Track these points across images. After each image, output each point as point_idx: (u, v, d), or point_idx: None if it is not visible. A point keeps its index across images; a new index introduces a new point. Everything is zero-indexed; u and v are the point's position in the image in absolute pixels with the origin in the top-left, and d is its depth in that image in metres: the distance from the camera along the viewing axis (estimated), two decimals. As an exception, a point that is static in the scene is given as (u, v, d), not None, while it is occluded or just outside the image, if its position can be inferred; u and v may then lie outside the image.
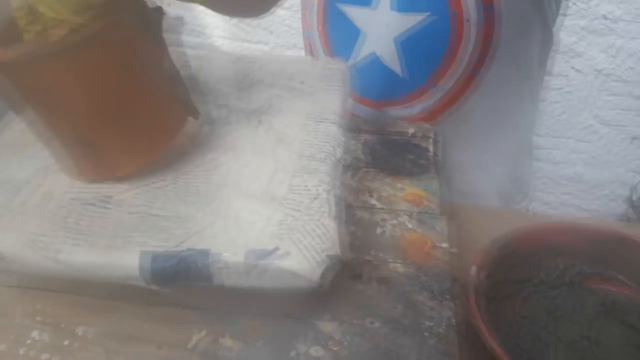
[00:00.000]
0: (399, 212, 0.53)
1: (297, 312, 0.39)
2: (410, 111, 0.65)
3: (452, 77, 0.61)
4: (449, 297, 0.43)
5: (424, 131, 0.60)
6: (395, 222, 0.52)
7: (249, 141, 0.45)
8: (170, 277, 0.36)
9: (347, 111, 0.51)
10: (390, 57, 0.61)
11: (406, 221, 0.51)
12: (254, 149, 0.44)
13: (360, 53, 0.64)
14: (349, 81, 0.55)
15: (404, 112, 0.65)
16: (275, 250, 0.35)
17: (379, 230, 0.50)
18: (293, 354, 0.37)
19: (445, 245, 0.48)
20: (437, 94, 0.63)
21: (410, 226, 0.51)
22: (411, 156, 0.59)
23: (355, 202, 0.50)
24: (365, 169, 0.54)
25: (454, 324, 0.41)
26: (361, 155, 0.56)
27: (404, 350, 0.38)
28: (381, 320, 0.40)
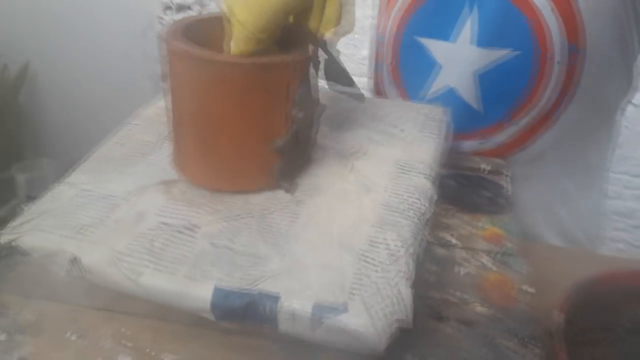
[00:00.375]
0: (478, 252, 0.53)
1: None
2: (483, 145, 0.64)
3: (529, 114, 0.60)
4: (535, 343, 0.43)
5: (498, 167, 0.60)
6: (476, 261, 0.51)
7: (338, 187, 0.45)
8: (239, 316, 0.36)
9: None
10: (467, 90, 0.61)
11: (487, 261, 0.51)
12: (342, 195, 0.44)
13: (434, 85, 0.64)
14: (449, 130, 0.53)
15: (476, 146, 0.65)
16: (344, 308, 0.34)
17: (459, 270, 0.49)
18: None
19: (529, 288, 0.47)
20: (512, 129, 0.62)
21: (492, 267, 0.50)
22: (487, 193, 0.59)
23: (433, 238, 0.49)
24: (442, 205, 0.53)
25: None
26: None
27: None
28: (471, 366, 0.38)
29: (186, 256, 0.38)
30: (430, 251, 0.48)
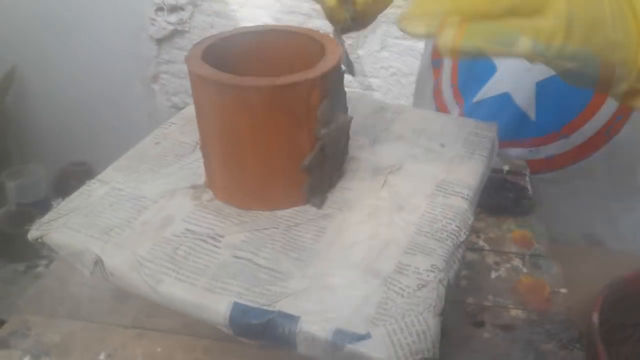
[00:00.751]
0: (510, 255, 0.52)
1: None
2: (532, 155, 0.63)
3: (587, 131, 0.59)
4: (578, 346, 0.43)
5: (517, 168, 0.59)
6: (509, 265, 0.51)
7: (369, 202, 0.43)
8: (257, 334, 0.35)
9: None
10: (525, 99, 0.60)
11: (518, 264, 0.51)
12: (372, 212, 0.42)
13: (491, 90, 0.62)
14: (494, 148, 0.50)
15: (524, 155, 0.63)
16: (366, 337, 0.33)
17: (493, 275, 0.50)
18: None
19: (564, 290, 0.48)
20: (567, 144, 0.61)
21: (525, 270, 0.50)
22: (511, 195, 0.58)
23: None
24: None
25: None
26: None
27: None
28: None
29: (207, 266, 0.37)
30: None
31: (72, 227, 0.41)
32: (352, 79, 0.44)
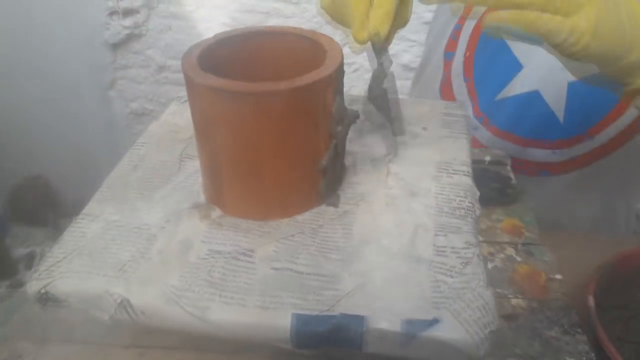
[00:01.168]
0: (503, 245, 0.54)
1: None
2: (556, 157, 0.62)
3: (610, 132, 0.59)
4: (580, 330, 0.44)
5: (498, 158, 0.59)
6: (503, 255, 0.52)
7: (382, 193, 0.43)
8: (320, 342, 0.34)
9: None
10: (556, 99, 0.59)
11: (512, 253, 0.52)
12: (389, 202, 0.42)
13: (518, 88, 0.61)
14: (469, 125, 0.53)
15: (548, 157, 0.63)
16: (435, 321, 0.33)
17: (490, 265, 0.51)
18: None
19: (559, 276, 0.49)
20: (591, 145, 0.60)
21: (519, 259, 0.51)
22: (496, 185, 0.59)
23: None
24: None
25: (593, 358, 0.42)
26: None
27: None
28: (522, 360, 0.40)
29: (250, 284, 0.36)
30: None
31: (78, 270, 0.37)
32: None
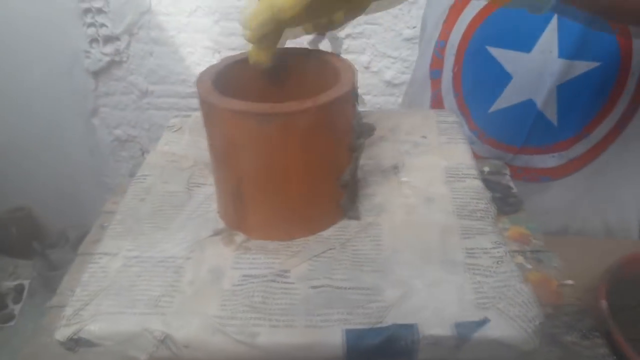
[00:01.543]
0: (513, 253, 0.54)
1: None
2: (556, 160, 0.63)
3: (604, 129, 0.60)
4: (598, 334, 0.44)
5: (497, 168, 0.60)
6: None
7: (399, 202, 0.44)
8: (374, 355, 0.34)
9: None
10: (548, 104, 0.59)
11: (523, 261, 0.51)
12: (408, 210, 0.43)
13: (510, 98, 0.61)
14: (463, 131, 0.54)
15: (550, 162, 0.64)
16: (486, 321, 0.34)
17: None
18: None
19: (570, 281, 0.48)
20: (588, 144, 0.61)
21: (529, 266, 0.51)
22: (497, 194, 0.59)
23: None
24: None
25: (614, 363, 0.42)
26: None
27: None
28: (545, 367, 0.40)
29: (294, 304, 0.35)
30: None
31: (110, 310, 0.36)
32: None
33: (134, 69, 1.27)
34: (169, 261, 0.39)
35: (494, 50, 0.60)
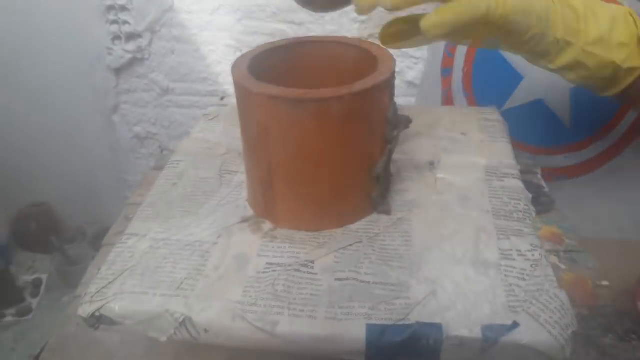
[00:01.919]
0: (546, 253, 0.52)
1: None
2: (569, 160, 0.62)
3: (619, 132, 0.59)
4: (635, 337, 0.43)
5: (528, 167, 0.59)
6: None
7: (434, 199, 0.42)
8: (395, 353, 0.32)
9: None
10: (561, 105, 0.59)
11: (556, 261, 0.50)
12: (442, 207, 0.41)
13: (521, 98, 0.61)
14: (507, 129, 0.52)
15: (562, 162, 0.62)
16: (515, 325, 0.32)
17: None
18: None
19: (606, 282, 0.48)
20: (601, 146, 0.60)
21: (563, 267, 0.50)
22: (529, 194, 0.58)
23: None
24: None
25: (651, 365, 0.41)
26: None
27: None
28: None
29: (317, 295, 0.34)
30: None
31: (133, 290, 0.36)
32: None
33: (155, 67, 1.28)
34: (195, 245, 0.39)
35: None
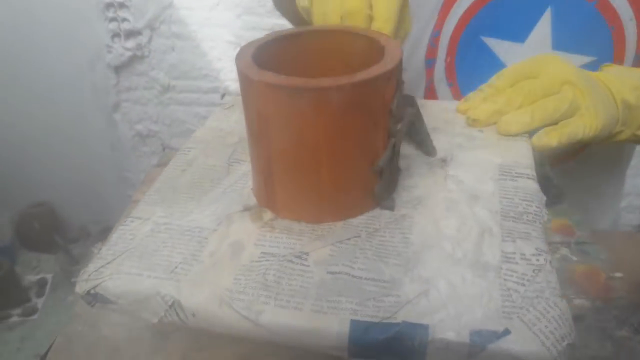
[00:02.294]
0: (556, 245, 0.52)
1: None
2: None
3: None
4: None
5: (537, 159, 0.57)
6: (558, 255, 0.50)
7: (441, 196, 0.41)
8: (379, 351, 0.32)
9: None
10: None
11: (568, 253, 0.50)
12: (449, 206, 0.40)
13: None
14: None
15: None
16: (506, 332, 0.30)
17: None
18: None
19: (619, 274, 0.47)
20: None
21: (575, 258, 0.49)
22: (544, 196, 0.57)
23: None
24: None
25: (666, 358, 0.40)
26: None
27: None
28: (598, 364, 0.38)
29: (306, 287, 0.34)
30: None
31: (129, 271, 0.36)
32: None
33: (155, 64, 1.27)
34: (195, 231, 0.39)
35: (489, 40, 0.60)
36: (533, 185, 0.42)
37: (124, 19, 1.23)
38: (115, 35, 1.26)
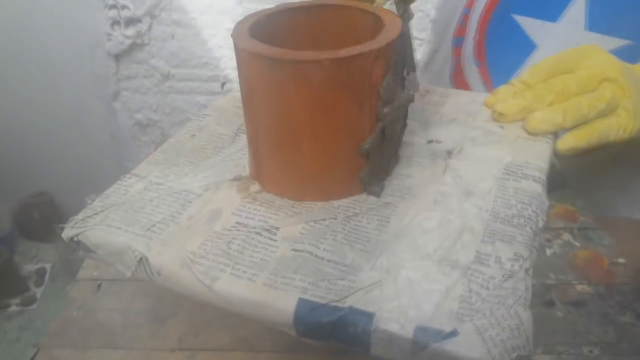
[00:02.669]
0: (558, 231, 0.51)
1: None
2: None
3: None
4: None
5: None
6: (560, 241, 0.50)
7: (433, 189, 0.39)
8: (324, 334, 0.31)
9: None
10: None
11: (571, 239, 0.50)
12: (438, 199, 0.38)
13: (527, 66, 0.59)
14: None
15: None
16: (453, 334, 0.29)
17: (548, 252, 0.49)
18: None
19: (622, 260, 0.47)
20: None
21: (578, 244, 0.49)
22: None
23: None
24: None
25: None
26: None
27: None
28: (599, 347, 0.39)
29: (266, 261, 0.34)
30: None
31: (111, 224, 0.38)
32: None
33: (155, 52, 1.23)
34: (182, 194, 0.40)
35: (520, 18, 0.58)
36: (537, 188, 0.39)
37: (124, 6, 1.21)
38: (115, 22, 1.23)
